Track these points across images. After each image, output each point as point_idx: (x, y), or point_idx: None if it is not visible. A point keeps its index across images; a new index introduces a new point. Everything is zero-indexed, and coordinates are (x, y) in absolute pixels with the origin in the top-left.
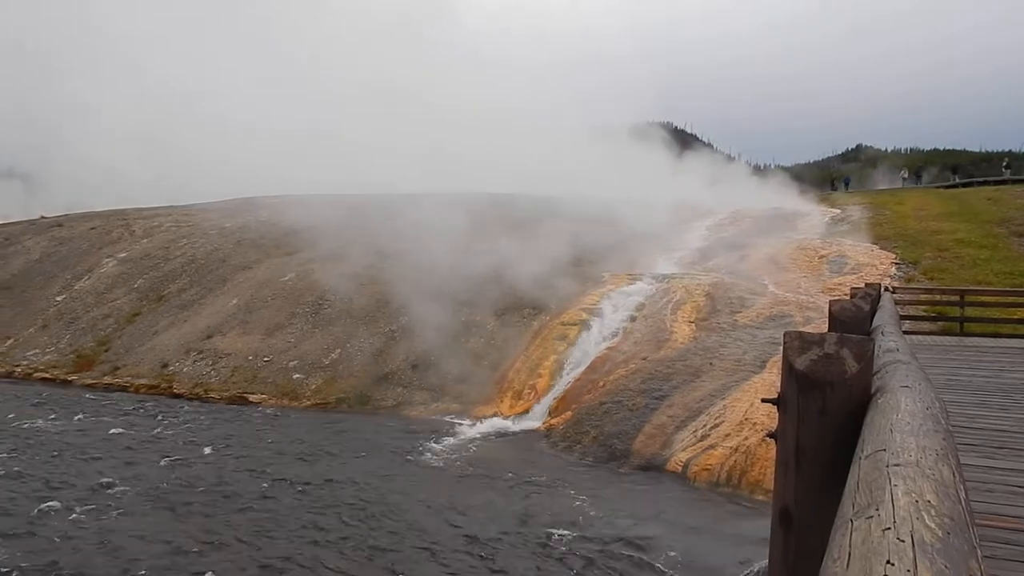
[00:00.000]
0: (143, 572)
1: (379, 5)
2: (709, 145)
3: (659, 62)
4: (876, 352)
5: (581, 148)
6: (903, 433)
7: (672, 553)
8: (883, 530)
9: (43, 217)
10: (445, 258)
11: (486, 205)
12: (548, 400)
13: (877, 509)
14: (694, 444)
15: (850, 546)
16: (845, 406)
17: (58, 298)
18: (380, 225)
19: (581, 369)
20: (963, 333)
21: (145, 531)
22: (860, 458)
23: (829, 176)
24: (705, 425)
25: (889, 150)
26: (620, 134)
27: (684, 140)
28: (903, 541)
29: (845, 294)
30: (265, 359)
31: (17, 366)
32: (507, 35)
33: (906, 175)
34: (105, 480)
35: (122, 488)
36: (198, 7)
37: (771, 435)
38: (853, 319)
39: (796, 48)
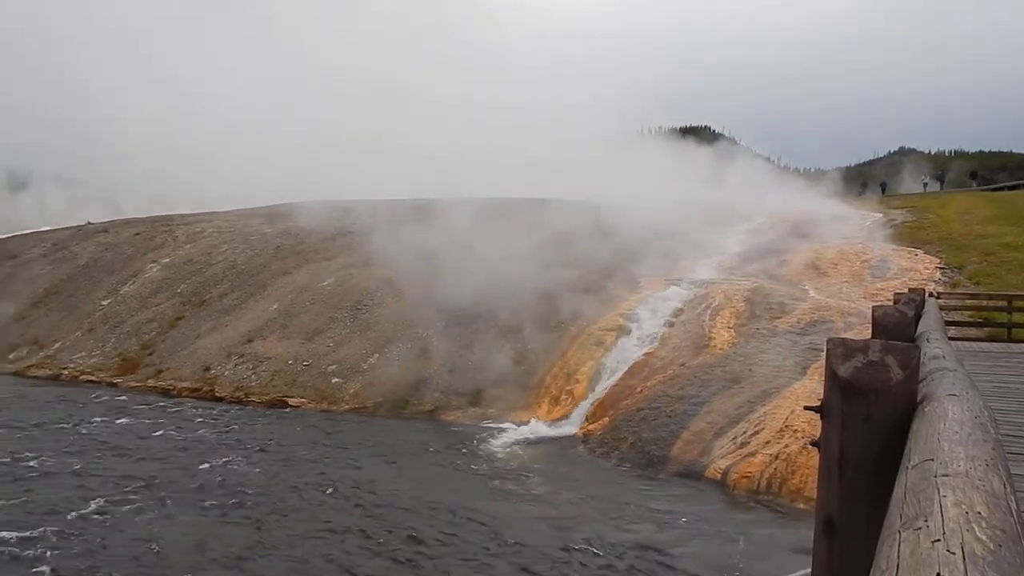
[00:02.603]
0: (187, 574)
1: (417, 11)
2: (747, 149)
3: (696, 63)
4: (922, 359)
5: (616, 152)
6: (951, 442)
7: (712, 562)
8: (932, 542)
9: (89, 223)
10: (482, 262)
11: (520, 209)
12: (585, 406)
13: (926, 520)
14: (733, 451)
15: (898, 557)
16: (890, 414)
17: (104, 302)
18: (417, 230)
19: (619, 375)
20: (1011, 339)
21: (189, 533)
22: (907, 468)
23: (864, 179)
24: (745, 432)
25: (932, 152)
26: (656, 138)
27: (722, 144)
28: (953, 553)
29: (888, 299)
30: (304, 363)
31: (64, 368)
32: (538, 36)
33: (927, 180)
34: (149, 482)
35: (166, 490)
36: (230, 11)
37: (813, 443)
38: (897, 325)
39: (839, 46)
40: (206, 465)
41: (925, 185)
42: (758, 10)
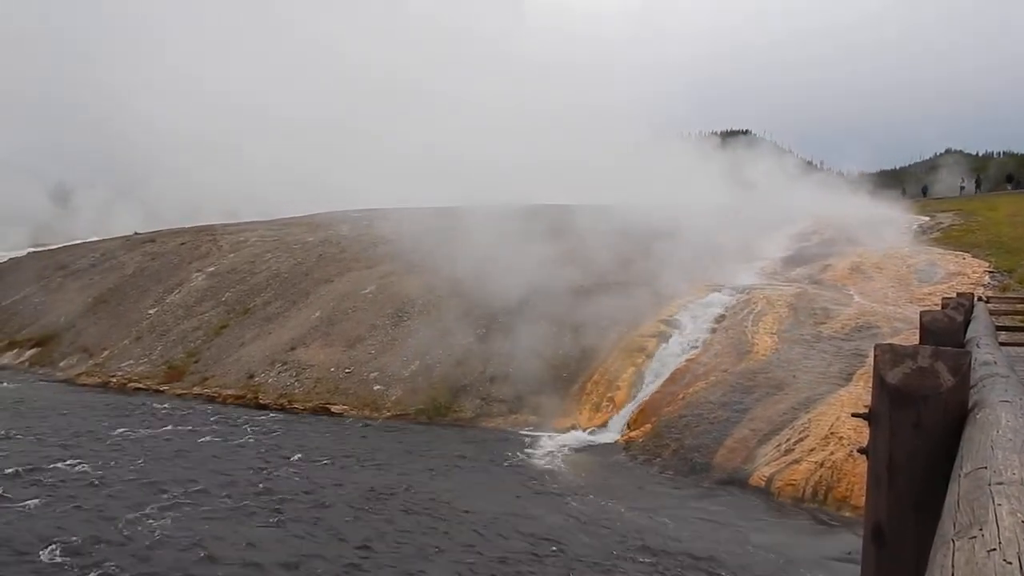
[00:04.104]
0: None
1: (449, 12)
2: (788, 152)
3: (737, 68)
4: (972, 365)
5: (656, 157)
6: (1005, 450)
7: (757, 571)
8: (988, 551)
9: (136, 233)
10: (520, 269)
11: (557, 215)
12: (627, 412)
13: (980, 529)
14: (778, 458)
15: (953, 567)
16: (940, 421)
17: (150, 311)
18: (455, 237)
19: (660, 381)
20: None
21: (235, 539)
22: (959, 475)
23: (904, 183)
24: (789, 439)
25: (980, 154)
26: (696, 142)
27: (762, 148)
28: (1010, 563)
29: (935, 304)
30: (346, 370)
31: (113, 376)
32: (573, 38)
33: (964, 182)
34: (196, 488)
35: (213, 497)
36: (266, 19)
37: (861, 450)
38: (946, 330)
39: (884, 45)
40: (251, 471)
41: (962, 188)
42: (797, 12)
